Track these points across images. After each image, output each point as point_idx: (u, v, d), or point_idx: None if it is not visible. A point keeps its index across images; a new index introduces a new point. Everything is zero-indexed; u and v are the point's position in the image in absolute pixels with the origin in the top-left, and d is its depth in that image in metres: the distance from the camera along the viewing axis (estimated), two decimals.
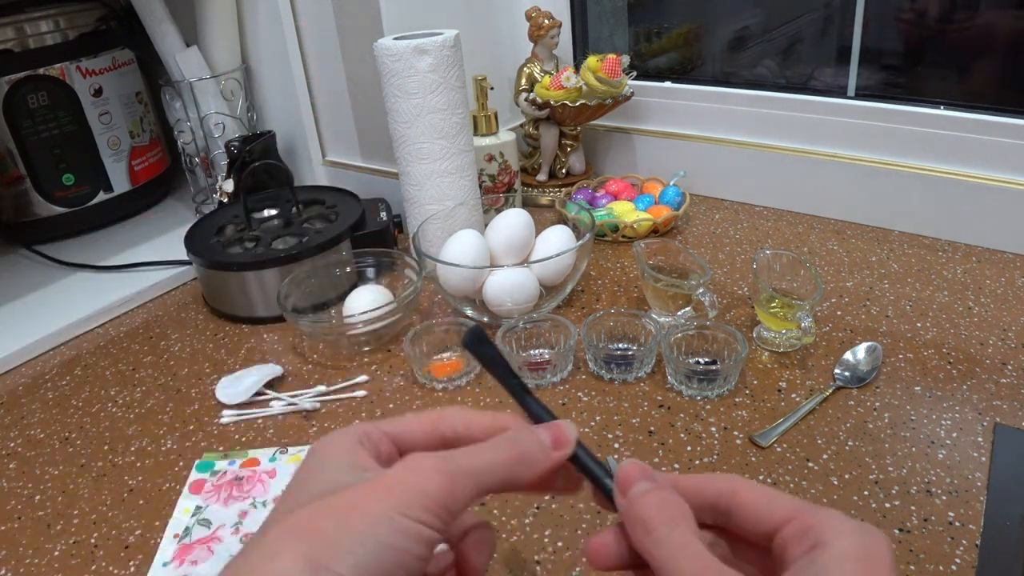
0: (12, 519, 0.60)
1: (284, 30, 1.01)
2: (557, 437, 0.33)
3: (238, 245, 0.88)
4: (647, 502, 0.31)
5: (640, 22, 1.15)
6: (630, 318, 0.72)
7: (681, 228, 0.97)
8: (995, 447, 0.57)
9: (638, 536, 0.30)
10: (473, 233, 0.79)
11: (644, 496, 0.31)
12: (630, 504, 0.31)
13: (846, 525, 0.28)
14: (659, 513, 0.30)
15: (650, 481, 0.32)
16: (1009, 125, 0.82)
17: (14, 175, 1.02)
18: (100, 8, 1.07)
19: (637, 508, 0.31)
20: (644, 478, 0.32)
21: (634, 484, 0.32)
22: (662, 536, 0.29)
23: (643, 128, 1.09)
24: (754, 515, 0.30)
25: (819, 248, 0.89)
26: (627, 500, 0.31)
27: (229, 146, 0.94)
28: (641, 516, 0.30)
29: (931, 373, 0.66)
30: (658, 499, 0.31)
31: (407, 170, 0.86)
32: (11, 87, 0.97)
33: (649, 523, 0.30)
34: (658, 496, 0.31)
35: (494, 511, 0.56)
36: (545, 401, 0.68)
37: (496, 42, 1.09)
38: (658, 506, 0.30)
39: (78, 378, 0.79)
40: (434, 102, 0.81)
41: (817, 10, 0.99)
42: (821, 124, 0.95)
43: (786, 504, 0.30)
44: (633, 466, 0.32)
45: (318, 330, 0.77)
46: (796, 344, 0.71)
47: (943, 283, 0.80)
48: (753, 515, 0.30)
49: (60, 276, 0.98)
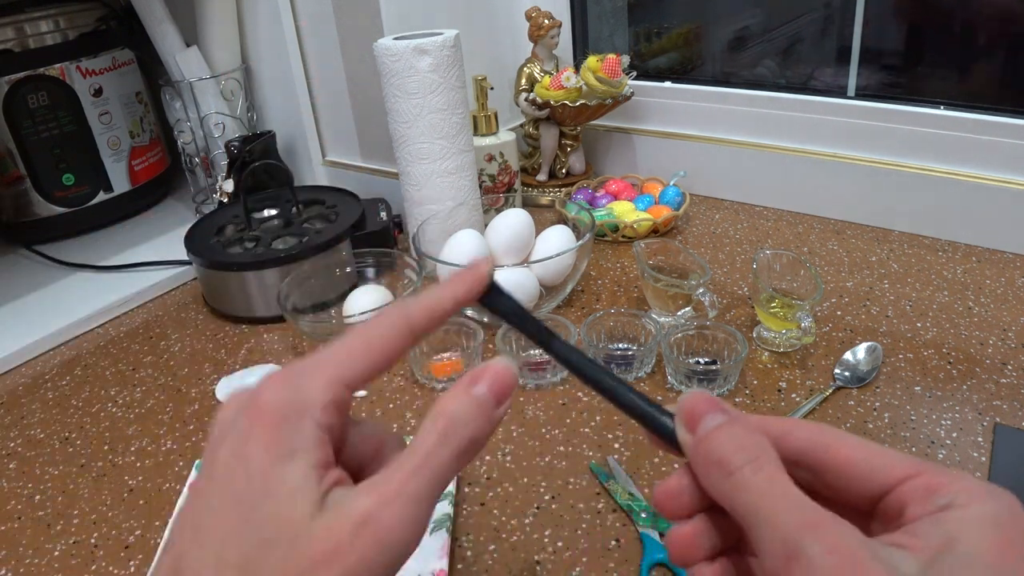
0: (12, 519, 0.60)
1: (284, 30, 1.01)
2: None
3: (238, 245, 0.88)
4: (721, 438, 0.26)
5: (640, 22, 1.15)
6: (630, 318, 0.72)
7: (681, 228, 0.98)
8: (995, 447, 0.57)
9: (714, 480, 0.26)
10: (473, 233, 0.79)
11: (717, 431, 0.26)
12: (700, 443, 0.26)
13: (980, 488, 0.25)
14: (739, 452, 0.25)
15: (723, 414, 0.27)
16: (1009, 125, 0.82)
17: (14, 175, 1.02)
18: (100, 8, 1.07)
19: (710, 446, 0.26)
20: (715, 410, 0.27)
21: (703, 418, 0.27)
22: (745, 479, 0.25)
23: (643, 128, 1.09)
24: (861, 471, 0.26)
25: (819, 248, 0.89)
26: (696, 438, 0.27)
27: (229, 146, 0.94)
28: (717, 455, 0.26)
29: (931, 373, 0.66)
30: (735, 434, 0.26)
31: (407, 170, 0.86)
32: (11, 87, 0.97)
33: (727, 463, 0.25)
34: (734, 430, 0.26)
35: (494, 511, 0.56)
36: (545, 401, 0.68)
37: (496, 42, 1.09)
38: (737, 443, 0.26)
39: (78, 378, 0.79)
40: (434, 102, 0.81)
41: (817, 10, 0.99)
42: (821, 124, 0.95)
43: (903, 460, 0.26)
44: (699, 397, 0.28)
45: (318, 330, 0.77)
46: (796, 344, 0.71)
47: (943, 283, 0.80)
48: (859, 471, 0.26)
49: (60, 276, 0.98)
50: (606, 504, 0.55)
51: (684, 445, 0.27)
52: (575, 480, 0.58)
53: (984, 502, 0.24)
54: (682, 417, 0.28)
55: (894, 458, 0.26)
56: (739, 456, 0.25)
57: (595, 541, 0.52)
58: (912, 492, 0.25)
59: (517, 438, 0.63)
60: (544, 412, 0.66)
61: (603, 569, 0.50)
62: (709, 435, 0.26)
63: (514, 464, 0.60)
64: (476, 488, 0.58)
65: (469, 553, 0.53)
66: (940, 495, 0.25)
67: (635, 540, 0.52)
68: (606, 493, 0.56)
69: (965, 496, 0.24)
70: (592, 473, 0.58)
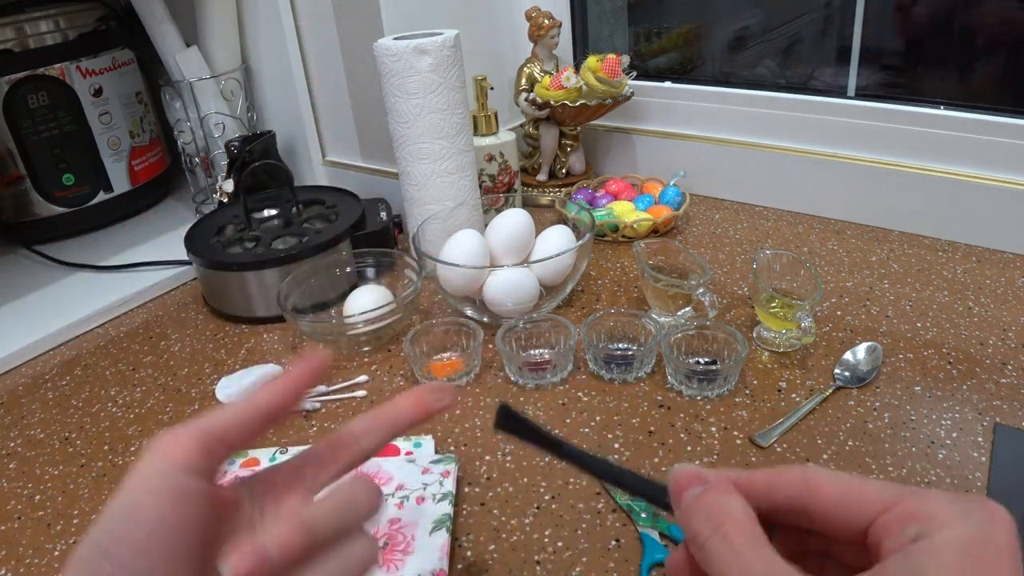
0: (12, 519, 0.60)
1: (284, 30, 1.01)
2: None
3: (238, 245, 0.88)
4: (693, 511, 0.28)
5: (640, 22, 1.15)
6: (630, 318, 0.72)
7: (681, 228, 0.98)
8: (995, 447, 0.57)
9: (693, 550, 0.27)
10: (473, 233, 0.79)
11: (690, 506, 0.28)
12: (681, 520, 0.28)
13: (953, 511, 0.24)
14: (706, 522, 0.27)
15: (701, 484, 0.28)
16: (1009, 125, 0.82)
17: (14, 175, 1.02)
18: (100, 8, 1.07)
19: (687, 522, 0.28)
20: (694, 483, 0.28)
21: (683, 494, 0.28)
22: (711, 548, 0.26)
23: (643, 128, 1.09)
24: (838, 512, 0.27)
25: (819, 248, 0.89)
26: (678, 515, 0.28)
27: (229, 146, 0.94)
28: (690, 530, 0.27)
29: (931, 373, 0.66)
30: (705, 504, 0.27)
31: (407, 170, 0.86)
32: (11, 87, 0.97)
33: (697, 535, 0.27)
34: (705, 501, 0.28)
35: (494, 511, 0.56)
36: (545, 401, 0.68)
37: (496, 42, 1.09)
38: (705, 513, 0.27)
39: (78, 378, 0.79)
40: (434, 102, 0.81)
41: (817, 10, 0.99)
42: (821, 124, 0.95)
43: (882, 491, 0.26)
44: (681, 473, 0.29)
45: (318, 330, 0.77)
46: (796, 344, 0.71)
47: (943, 283, 0.80)
48: (840, 510, 0.27)
49: (60, 276, 0.98)
50: (606, 504, 0.55)
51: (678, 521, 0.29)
52: (575, 480, 0.58)
53: (955, 526, 0.23)
54: (671, 496, 0.29)
55: (872, 491, 0.26)
56: (706, 527, 0.27)
57: (595, 541, 0.52)
58: (887, 525, 0.25)
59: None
60: (544, 412, 0.66)
61: (603, 569, 0.50)
62: (685, 511, 0.28)
63: (514, 464, 0.60)
64: (476, 488, 0.58)
65: (469, 553, 0.53)
66: (912, 525, 0.24)
67: (635, 540, 0.52)
68: (606, 493, 0.56)
69: (937, 523, 0.24)
70: None
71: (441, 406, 0.36)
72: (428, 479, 0.57)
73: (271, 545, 0.28)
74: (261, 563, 0.28)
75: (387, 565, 0.51)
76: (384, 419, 0.36)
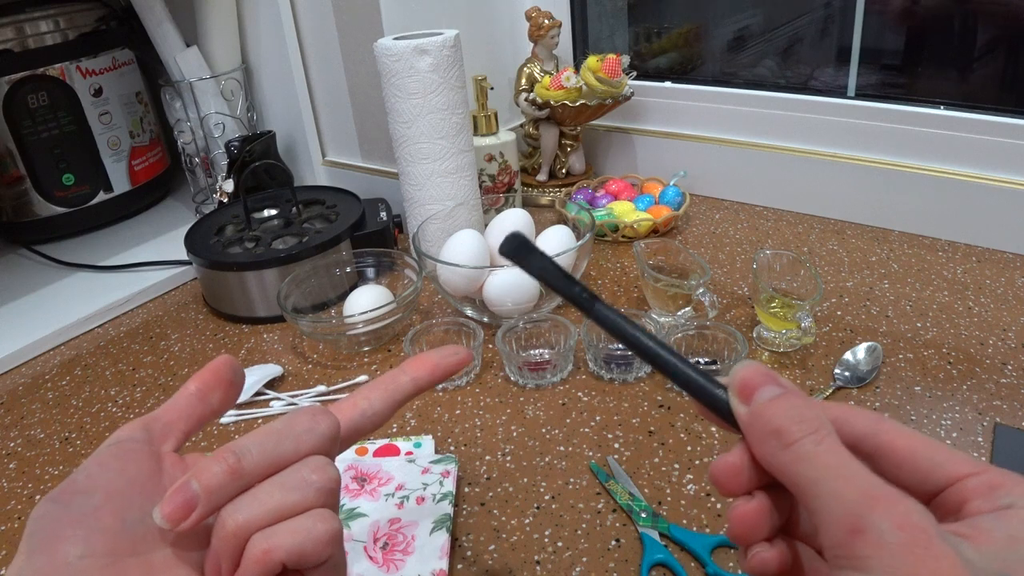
0: (12, 519, 0.60)
1: (284, 30, 1.01)
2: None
3: (238, 245, 0.88)
4: (779, 410, 0.25)
5: (640, 22, 1.15)
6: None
7: (681, 228, 0.98)
8: (995, 447, 0.57)
9: (771, 452, 0.25)
10: (473, 233, 0.79)
11: (773, 402, 0.26)
12: (757, 414, 0.26)
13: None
14: (798, 423, 0.25)
15: (779, 386, 0.26)
16: (1009, 125, 0.82)
17: (14, 175, 1.02)
18: (100, 8, 1.07)
19: (768, 417, 0.25)
20: (771, 382, 0.26)
21: (759, 390, 0.26)
22: (805, 450, 0.24)
23: (643, 128, 1.09)
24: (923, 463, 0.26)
25: (819, 248, 0.89)
26: (751, 410, 0.26)
27: (229, 146, 0.94)
28: (775, 425, 0.25)
29: (931, 373, 0.66)
30: (793, 405, 0.26)
31: (407, 170, 0.86)
32: (11, 87, 0.97)
33: (786, 434, 0.25)
34: (792, 402, 0.26)
35: (494, 511, 0.56)
36: (545, 401, 0.68)
37: (496, 42, 1.09)
38: (796, 414, 0.25)
39: (78, 378, 0.79)
40: (434, 102, 0.81)
41: (817, 10, 0.99)
42: (821, 124, 0.95)
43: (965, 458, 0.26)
44: (754, 368, 0.27)
45: (318, 330, 0.77)
46: (796, 344, 0.71)
47: (943, 283, 0.80)
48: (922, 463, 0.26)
49: (60, 276, 0.98)
50: (606, 504, 0.55)
51: (739, 417, 0.27)
52: (575, 480, 0.58)
53: None
54: (735, 389, 0.27)
55: (956, 454, 0.26)
56: (799, 427, 0.25)
57: (595, 541, 0.52)
58: (975, 488, 0.25)
59: (517, 438, 0.63)
60: (544, 412, 0.66)
61: (603, 569, 0.50)
62: (766, 406, 0.26)
63: (514, 464, 0.60)
64: (476, 488, 0.58)
65: (469, 553, 0.53)
66: (1002, 494, 0.25)
67: (635, 540, 0.52)
68: (606, 493, 0.56)
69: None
70: (592, 473, 0.58)
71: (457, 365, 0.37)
72: (428, 479, 0.57)
73: (195, 480, 0.27)
74: (187, 501, 0.26)
75: (387, 565, 0.51)
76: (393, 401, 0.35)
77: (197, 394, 0.33)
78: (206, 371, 0.34)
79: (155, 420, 0.32)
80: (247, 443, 0.28)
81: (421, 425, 0.66)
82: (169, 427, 0.32)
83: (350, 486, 0.58)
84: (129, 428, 0.31)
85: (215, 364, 0.34)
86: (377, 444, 0.63)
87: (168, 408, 0.33)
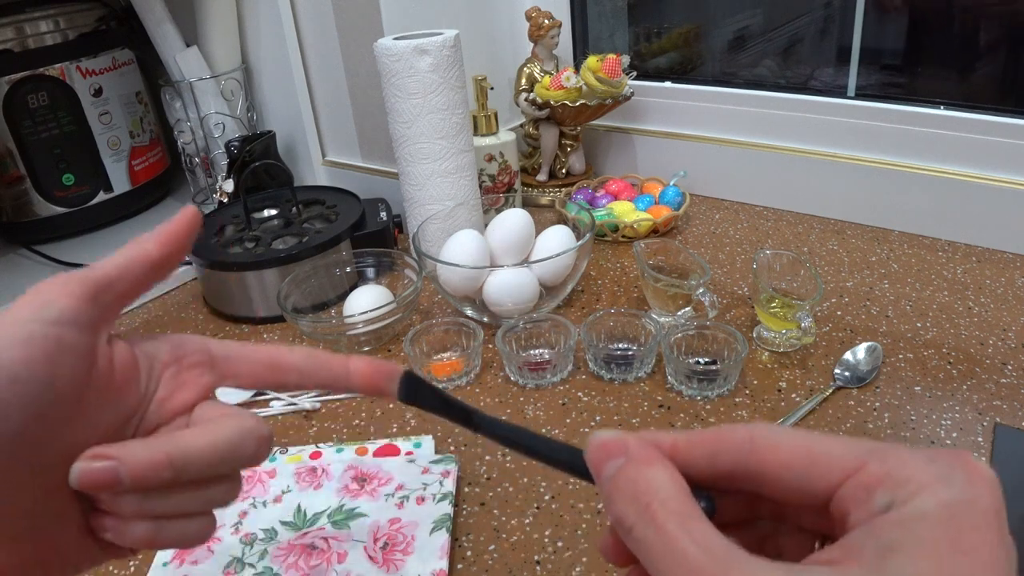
0: None
1: (284, 30, 1.01)
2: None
3: (238, 245, 0.88)
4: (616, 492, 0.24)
5: (640, 22, 1.15)
6: (630, 318, 0.72)
7: (681, 228, 0.97)
8: (995, 447, 0.57)
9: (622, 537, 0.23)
10: (473, 233, 0.79)
11: (613, 482, 0.24)
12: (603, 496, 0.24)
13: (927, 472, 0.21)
14: (631, 505, 0.23)
15: (621, 454, 0.24)
16: (1009, 125, 0.82)
17: (14, 175, 1.02)
18: (100, 8, 1.07)
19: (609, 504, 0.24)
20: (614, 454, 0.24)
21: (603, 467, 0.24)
22: (640, 536, 0.22)
23: (643, 128, 1.09)
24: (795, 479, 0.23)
25: (819, 248, 0.89)
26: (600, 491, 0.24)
27: (229, 146, 0.94)
28: (614, 515, 0.23)
29: (931, 373, 0.66)
30: (628, 481, 0.23)
31: (407, 170, 0.86)
32: (11, 87, 0.97)
33: (623, 521, 0.23)
34: (627, 476, 0.23)
35: (494, 511, 0.56)
36: (545, 401, 0.68)
37: (496, 42, 1.09)
38: (629, 493, 0.23)
39: None
40: (434, 102, 0.81)
41: (817, 10, 0.99)
42: (821, 124, 0.95)
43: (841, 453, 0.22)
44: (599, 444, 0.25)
45: (318, 330, 0.77)
46: (796, 344, 0.71)
47: (943, 283, 0.80)
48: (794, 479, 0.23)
49: None
50: None
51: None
52: (575, 480, 0.58)
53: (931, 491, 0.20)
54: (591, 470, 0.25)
55: (832, 453, 0.23)
56: (633, 510, 0.23)
57: (595, 541, 0.52)
58: (851, 496, 0.22)
59: None
60: (544, 412, 0.66)
61: (603, 569, 0.50)
62: (606, 491, 0.24)
63: (514, 464, 0.60)
64: (476, 488, 0.58)
65: (469, 553, 0.53)
66: (880, 493, 0.21)
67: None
68: None
69: (910, 488, 0.21)
70: None
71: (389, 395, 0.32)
72: (428, 479, 0.57)
73: (126, 469, 0.26)
74: (110, 482, 0.26)
75: (387, 565, 0.51)
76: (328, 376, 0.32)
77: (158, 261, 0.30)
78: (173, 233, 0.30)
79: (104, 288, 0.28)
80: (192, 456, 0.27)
81: (421, 425, 0.66)
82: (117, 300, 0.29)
83: (350, 486, 0.58)
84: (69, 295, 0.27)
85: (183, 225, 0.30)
86: (377, 444, 0.63)
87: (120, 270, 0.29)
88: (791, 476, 0.23)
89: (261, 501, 0.58)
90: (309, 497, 0.57)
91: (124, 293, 0.29)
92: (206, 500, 0.29)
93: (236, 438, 0.29)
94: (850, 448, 0.22)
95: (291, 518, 0.56)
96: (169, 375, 0.30)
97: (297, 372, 0.32)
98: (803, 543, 0.26)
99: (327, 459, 0.61)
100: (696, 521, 0.22)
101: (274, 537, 0.54)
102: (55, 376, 0.25)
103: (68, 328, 0.26)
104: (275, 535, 0.55)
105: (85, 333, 0.27)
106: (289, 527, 0.55)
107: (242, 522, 0.56)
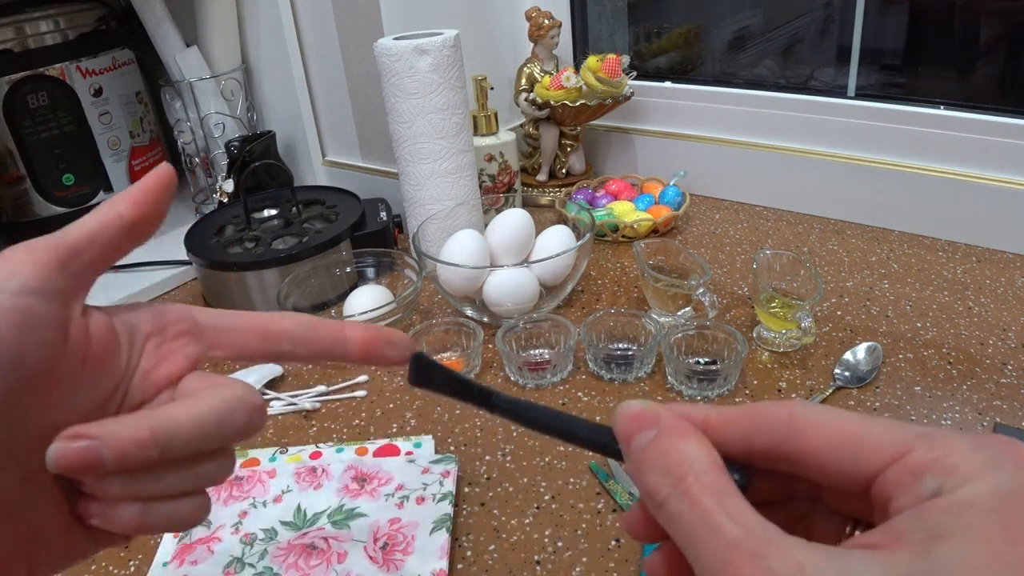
0: None
1: (284, 30, 1.01)
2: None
3: (238, 245, 0.88)
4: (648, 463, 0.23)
5: (640, 22, 1.15)
6: (630, 318, 0.72)
7: (681, 228, 0.98)
8: None
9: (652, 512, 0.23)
10: (473, 233, 0.79)
11: (645, 453, 0.23)
12: (634, 473, 0.24)
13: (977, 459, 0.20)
14: (664, 478, 0.22)
15: (653, 426, 0.23)
16: (1009, 125, 0.82)
17: (14, 175, 1.02)
18: (100, 8, 1.07)
19: (640, 476, 0.23)
20: (645, 426, 0.23)
21: (632, 440, 0.24)
22: (672, 511, 0.22)
23: (643, 128, 1.09)
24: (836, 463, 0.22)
25: (819, 248, 0.89)
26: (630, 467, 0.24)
27: (229, 146, 0.94)
28: (646, 487, 0.23)
29: (931, 373, 0.66)
30: (660, 454, 0.23)
31: (407, 170, 0.86)
32: (11, 87, 0.97)
33: (655, 495, 0.22)
34: (660, 448, 0.23)
35: (494, 511, 0.56)
36: (545, 401, 0.68)
37: (496, 42, 1.09)
38: (661, 465, 0.23)
39: None
40: (434, 102, 0.81)
41: (817, 10, 0.99)
42: (821, 124, 0.95)
43: (886, 437, 0.21)
44: (628, 414, 0.24)
45: None
46: (796, 344, 0.71)
47: (943, 283, 0.80)
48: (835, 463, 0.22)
49: None
50: (606, 504, 0.55)
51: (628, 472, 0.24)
52: (575, 480, 0.58)
53: (981, 479, 0.20)
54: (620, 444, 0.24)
55: (876, 436, 0.22)
56: (664, 484, 0.22)
57: (595, 541, 0.52)
58: (897, 479, 0.21)
59: (517, 438, 0.63)
60: None
61: (603, 569, 0.50)
62: (636, 464, 0.23)
63: (514, 464, 0.60)
64: (476, 488, 0.58)
65: (469, 553, 0.53)
66: (928, 479, 0.20)
67: (635, 540, 0.52)
68: (606, 493, 0.56)
69: (959, 475, 0.20)
70: (592, 473, 0.58)
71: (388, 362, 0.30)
72: (428, 479, 0.57)
73: (107, 449, 0.23)
74: (90, 463, 0.23)
75: (387, 565, 0.51)
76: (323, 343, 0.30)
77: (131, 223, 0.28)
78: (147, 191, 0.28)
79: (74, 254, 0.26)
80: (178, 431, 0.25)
81: (421, 425, 0.66)
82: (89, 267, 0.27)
83: (350, 486, 0.58)
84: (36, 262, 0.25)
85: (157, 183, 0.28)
86: (377, 444, 0.63)
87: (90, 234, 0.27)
88: (833, 459, 0.22)
89: (261, 501, 0.58)
90: (309, 497, 0.57)
91: (96, 259, 0.28)
92: (198, 478, 0.27)
93: (225, 409, 0.27)
94: (896, 432, 0.22)
95: (291, 518, 0.56)
96: (152, 346, 0.28)
97: (289, 339, 0.30)
98: (835, 526, 0.25)
99: (327, 459, 0.62)
100: (732, 497, 0.21)
101: (274, 537, 0.54)
102: (24, 351, 0.23)
103: (36, 298, 0.24)
104: (275, 535, 0.55)
105: (55, 303, 0.25)
106: (289, 527, 0.55)
107: (242, 522, 0.56)
